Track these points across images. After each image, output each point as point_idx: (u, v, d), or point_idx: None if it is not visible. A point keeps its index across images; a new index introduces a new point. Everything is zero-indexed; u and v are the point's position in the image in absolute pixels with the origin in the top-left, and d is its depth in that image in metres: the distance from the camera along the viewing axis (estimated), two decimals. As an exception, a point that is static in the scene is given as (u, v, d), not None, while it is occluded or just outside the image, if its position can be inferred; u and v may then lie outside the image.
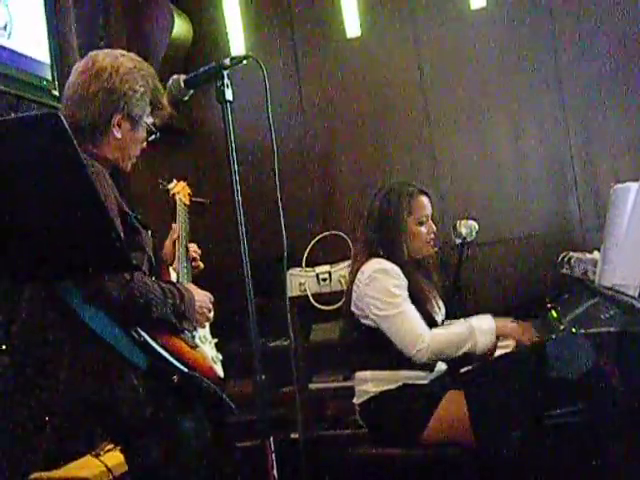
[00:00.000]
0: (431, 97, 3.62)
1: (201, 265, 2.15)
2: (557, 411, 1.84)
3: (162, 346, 1.63)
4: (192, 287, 1.84)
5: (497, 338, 2.35)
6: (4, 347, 2.36)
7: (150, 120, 1.84)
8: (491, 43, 3.53)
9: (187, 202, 2.30)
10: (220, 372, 1.86)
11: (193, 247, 2.15)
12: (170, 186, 2.33)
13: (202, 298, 1.82)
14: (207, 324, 1.90)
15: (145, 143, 1.87)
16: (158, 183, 2.34)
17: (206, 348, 1.84)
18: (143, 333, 1.59)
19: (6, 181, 1.06)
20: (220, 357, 1.93)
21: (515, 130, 3.54)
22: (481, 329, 2.33)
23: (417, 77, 3.64)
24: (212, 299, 1.87)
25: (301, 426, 3.32)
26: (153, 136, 1.88)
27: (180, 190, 2.32)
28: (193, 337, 1.78)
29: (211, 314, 1.86)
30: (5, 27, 2.61)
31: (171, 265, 2.01)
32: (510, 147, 3.55)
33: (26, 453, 2.38)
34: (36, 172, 1.07)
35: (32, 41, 2.77)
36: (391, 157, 3.63)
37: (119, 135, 1.76)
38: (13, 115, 2.38)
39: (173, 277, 1.95)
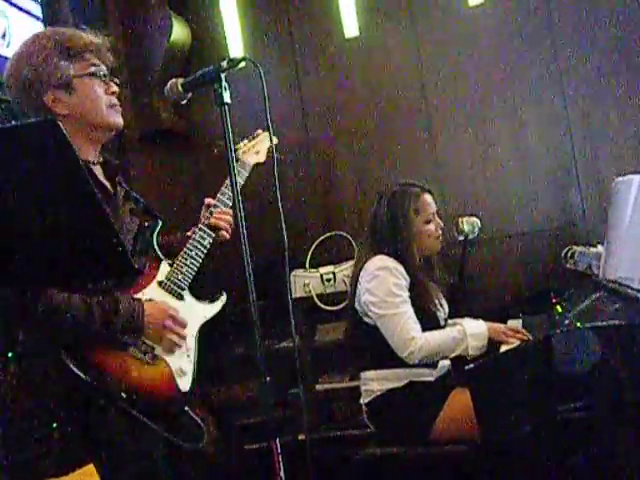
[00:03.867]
0: (431, 95, 3.62)
1: (226, 235, 1.95)
2: (563, 406, 1.83)
3: (95, 364, 1.59)
4: (152, 304, 1.73)
5: (488, 341, 2.36)
6: (10, 354, 2.36)
7: (92, 69, 1.74)
8: (491, 40, 3.52)
9: (261, 159, 2.05)
10: (183, 385, 1.75)
11: (221, 214, 1.94)
12: (239, 145, 2.10)
13: (156, 312, 1.71)
14: (175, 337, 1.77)
15: (111, 86, 1.77)
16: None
17: (173, 359, 1.75)
18: (64, 357, 1.58)
19: (5, 188, 1.06)
20: (191, 368, 1.79)
21: (517, 126, 3.53)
22: (473, 333, 2.34)
23: (417, 75, 3.64)
24: (175, 315, 1.75)
25: (308, 427, 3.31)
26: (107, 77, 1.77)
27: (249, 149, 2.06)
28: (153, 349, 1.72)
29: (171, 333, 1.74)
30: (4, 36, 2.62)
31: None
32: (512, 143, 3.54)
33: (34, 460, 2.38)
34: (35, 179, 1.07)
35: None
36: (392, 156, 3.63)
37: (66, 111, 1.70)
38: (13, 123, 2.39)
39: (164, 270, 1.84)
